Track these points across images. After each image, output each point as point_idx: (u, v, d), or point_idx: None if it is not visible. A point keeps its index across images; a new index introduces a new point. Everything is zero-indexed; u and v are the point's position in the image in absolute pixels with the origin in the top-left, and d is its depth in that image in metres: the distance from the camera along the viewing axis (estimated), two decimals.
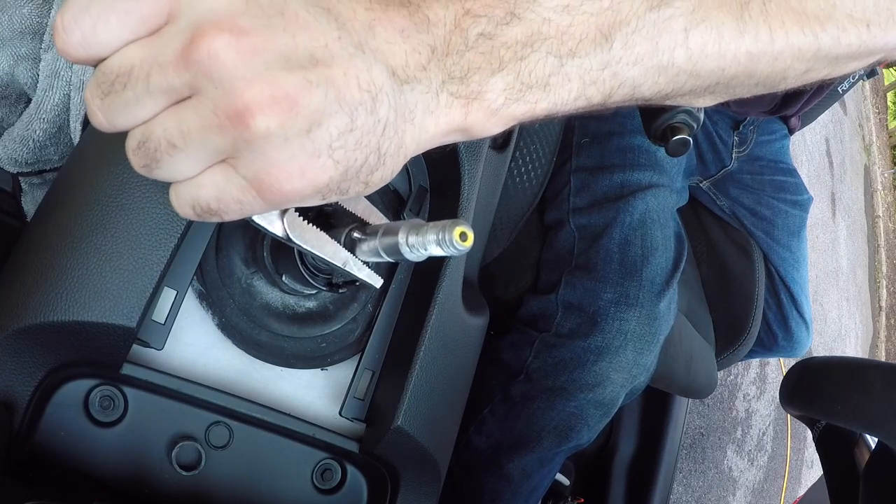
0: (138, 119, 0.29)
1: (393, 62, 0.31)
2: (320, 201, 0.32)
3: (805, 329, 1.12)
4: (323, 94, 0.28)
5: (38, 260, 0.43)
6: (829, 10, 0.39)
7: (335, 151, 0.30)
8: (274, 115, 0.27)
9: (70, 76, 0.56)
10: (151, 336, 0.47)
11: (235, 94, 0.27)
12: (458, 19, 0.32)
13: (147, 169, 0.30)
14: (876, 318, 5.18)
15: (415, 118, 0.32)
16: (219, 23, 0.27)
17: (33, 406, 0.44)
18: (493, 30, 0.32)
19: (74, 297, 0.41)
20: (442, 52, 0.32)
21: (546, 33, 0.33)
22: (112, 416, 0.48)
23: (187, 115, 0.28)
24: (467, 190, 0.56)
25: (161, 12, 0.28)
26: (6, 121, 0.61)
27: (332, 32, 0.29)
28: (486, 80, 0.33)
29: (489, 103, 0.34)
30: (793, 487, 3.16)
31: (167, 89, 0.28)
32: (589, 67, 0.35)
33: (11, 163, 0.60)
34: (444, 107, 0.33)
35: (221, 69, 0.27)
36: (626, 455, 1.27)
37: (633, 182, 0.85)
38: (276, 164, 0.29)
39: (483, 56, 0.33)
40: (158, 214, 0.43)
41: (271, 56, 0.27)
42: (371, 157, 0.31)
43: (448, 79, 0.32)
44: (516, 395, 0.83)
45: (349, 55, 0.29)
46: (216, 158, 0.30)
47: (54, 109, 0.57)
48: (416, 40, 0.31)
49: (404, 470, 0.54)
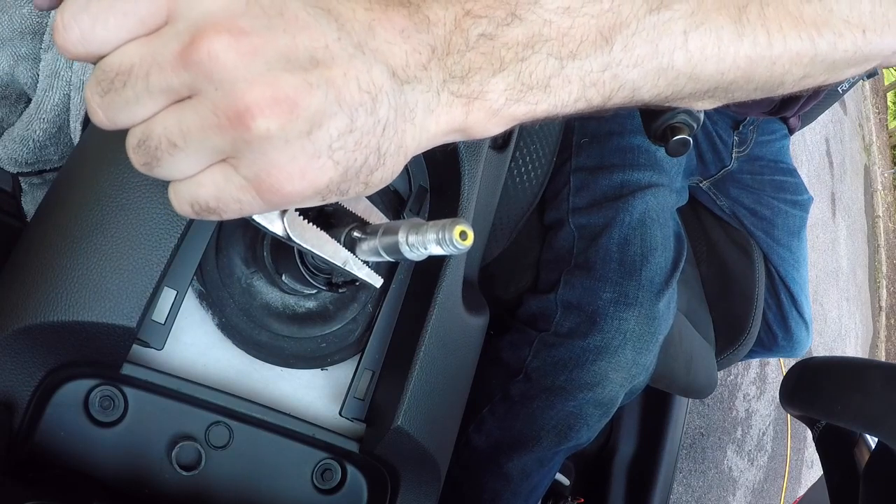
0: (138, 117, 0.29)
1: (393, 62, 0.31)
2: (320, 202, 0.32)
3: (805, 329, 1.12)
4: (323, 95, 0.28)
5: (38, 260, 0.43)
6: (826, 16, 0.40)
7: (335, 152, 0.30)
8: (274, 116, 0.28)
9: (70, 76, 0.56)
10: (151, 336, 0.47)
11: (236, 96, 0.27)
12: (458, 20, 0.32)
13: (147, 167, 0.30)
14: (876, 318, 5.19)
15: (415, 118, 0.32)
16: (218, 24, 0.27)
17: (33, 406, 0.44)
18: (493, 30, 0.33)
19: (74, 297, 0.41)
20: (442, 51, 0.32)
21: (547, 35, 0.34)
22: (112, 416, 0.48)
23: (187, 115, 0.28)
24: (467, 190, 0.56)
25: (159, 13, 0.28)
26: (6, 121, 0.61)
27: (331, 33, 0.29)
28: (487, 80, 0.33)
29: (490, 103, 0.34)
30: (793, 487, 3.16)
31: (166, 89, 0.28)
32: (589, 69, 0.35)
33: (11, 163, 0.60)
34: (445, 106, 0.33)
35: (222, 70, 0.27)
36: (626, 455, 1.27)
37: (633, 182, 0.85)
38: (277, 165, 0.29)
39: (484, 56, 0.33)
40: (158, 214, 0.43)
41: (272, 57, 0.27)
42: (371, 158, 0.31)
43: (449, 78, 0.32)
44: (516, 395, 0.83)
45: (349, 56, 0.29)
46: (216, 158, 0.30)
47: (54, 109, 0.57)
48: (416, 40, 0.31)
49: (404, 470, 0.54)
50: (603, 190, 0.86)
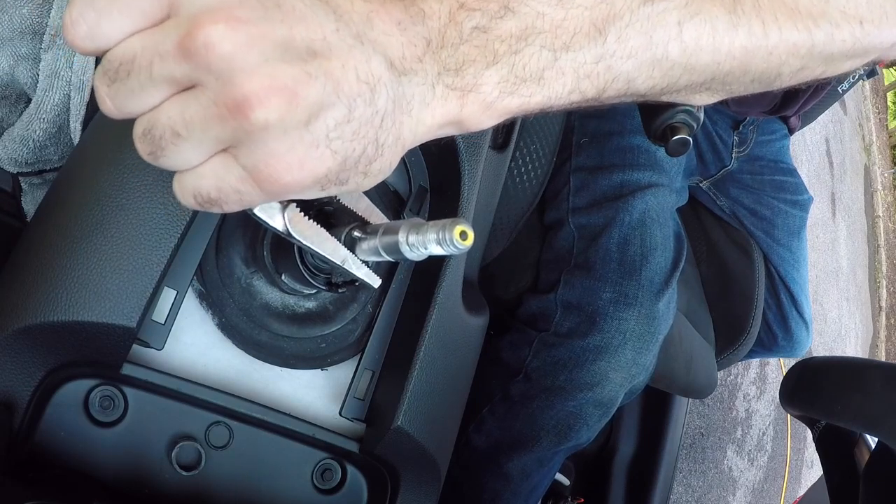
0: (144, 106, 0.30)
1: (391, 54, 0.31)
2: (320, 192, 0.32)
3: (805, 329, 1.12)
4: (322, 85, 0.29)
5: (38, 260, 0.43)
6: (823, 6, 0.40)
7: (332, 142, 0.30)
8: (273, 107, 0.28)
9: (70, 76, 0.56)
10: (151, 336, 0.47)
11: (235, 86, 0.27)
12: (452, 13, 0.32)
13: (153, 156, 0.31)
14: (876, 318, 5.18)
15: (412, 110, 0.33)
16: (215, 13, 0.27)
17: (33, 406, 0.44)
18: (487, 23, 0.33)
19: (74, 297, 0.41)
20: (437, 44, 0.32)
21: (540, 27, 0.34)
22: (112, 416, 0.48)
23: (190, 105, 0.29)
24: (467, 190, 0.56)
25: (162, 6, 0.28)
26: (6, 121, 0.61)
27: (329, 24, 0.29)
28: (481, 72, 0.33)
29: (484, 96, 0.34)
30: (793, 487, 3.16)
31: (169, 78, 0.28)
32: (583, 61, 0.35)
33: (11, 163, 0.60)
34: (440, 98, 0.33)
35: (219, 59, 0.27)
36: (626, 455, 1.27)
37: (633, 182, 0.85)
38: (276, 154, 0.29)
39: (477, 49, 0.33)
40: (158, 214, 0.43)
41: (269, 47, 0.28)
42: (369, 148, 0.31)
43: (443, 71, 0.33)
44: (515, 395, 0.83)
45: (348, 47, 0.29)
46: (218, 147, 0.30)
47: (54, 109, 0.57)
48: (412, 32, 0.31)
49: (404, 470, 0.54)
50: (603, 190, 0.86)
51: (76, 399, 0.47)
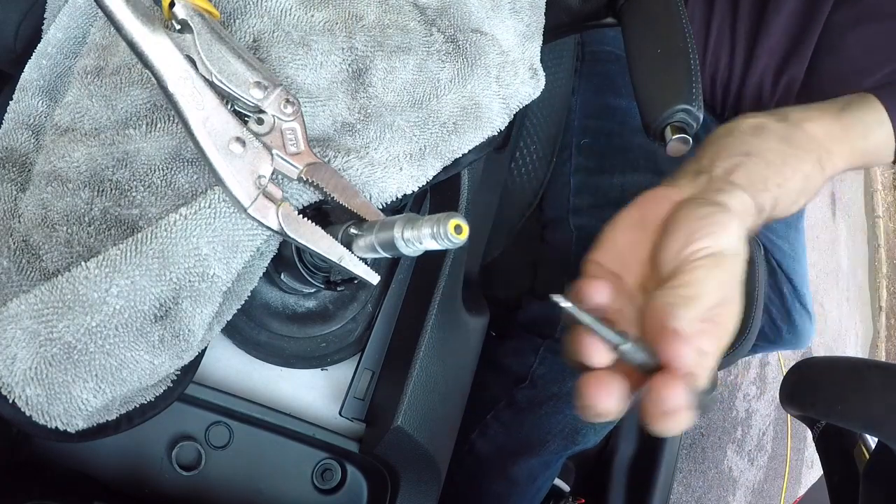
0: None
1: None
2: None
3: (809, 320, 1.12)
4: None
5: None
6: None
7: None
8: None
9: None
10: None
11: None
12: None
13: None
14: (876, 318, 5.18)
15: None
16: None
17: None
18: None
19: None
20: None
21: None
22: None
23: None
24: (467, 189, 0.56)
25: None
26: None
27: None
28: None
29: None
30: (793, 487, 3.15)
31: None
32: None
33: None
34: None
35: None
36: (626, 455, 1.26)
37: (633, 182, 0.85)
38: None
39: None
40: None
41: None
42: None
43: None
44: (522, 401, 0.82)
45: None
46: None
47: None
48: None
49: (404, 470, 0.54)
50: (603, 190, 0.85)
51: None
